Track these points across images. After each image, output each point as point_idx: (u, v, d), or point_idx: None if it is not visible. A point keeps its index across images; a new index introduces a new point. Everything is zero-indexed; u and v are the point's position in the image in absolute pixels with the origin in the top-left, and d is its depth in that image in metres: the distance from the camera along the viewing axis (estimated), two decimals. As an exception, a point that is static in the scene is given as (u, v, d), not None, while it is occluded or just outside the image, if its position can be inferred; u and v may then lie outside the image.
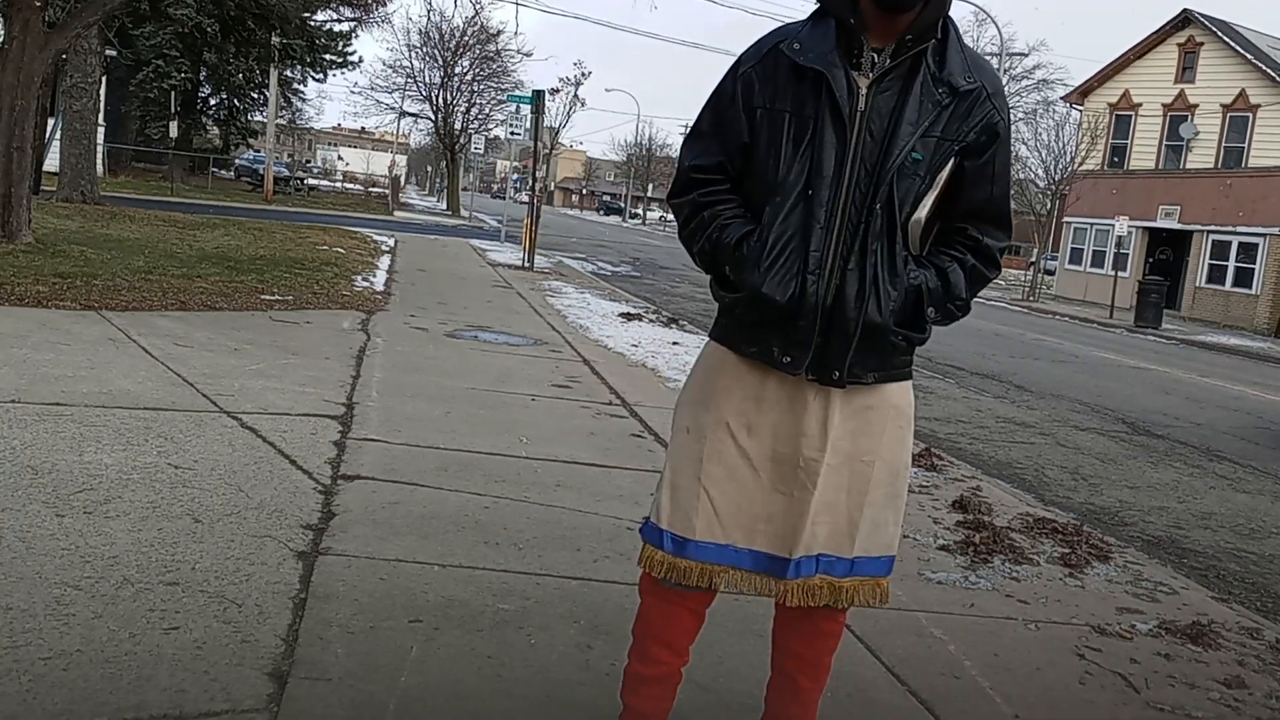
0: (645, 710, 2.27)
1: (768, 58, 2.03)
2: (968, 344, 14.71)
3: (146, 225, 15.14)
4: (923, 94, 1.96)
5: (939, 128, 1.98)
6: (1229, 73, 28.75)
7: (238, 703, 2.37)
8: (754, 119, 2.03)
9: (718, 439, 2.09)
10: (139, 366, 5.70)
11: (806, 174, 1.97)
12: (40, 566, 2.95)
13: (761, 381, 2.07)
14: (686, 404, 2.19)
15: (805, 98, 1.97)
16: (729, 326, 2.11)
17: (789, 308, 1.97)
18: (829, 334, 1.99)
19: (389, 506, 3.89)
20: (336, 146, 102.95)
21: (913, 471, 5.55)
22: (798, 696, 2.27)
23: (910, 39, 1.95)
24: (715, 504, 2.09)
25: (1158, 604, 3.94)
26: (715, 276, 2.12)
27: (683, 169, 2.13)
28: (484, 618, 3.01)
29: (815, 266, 1.97)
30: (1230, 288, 27.24)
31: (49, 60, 11.45)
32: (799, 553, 2.08)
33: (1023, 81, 59.01)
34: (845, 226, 1.97)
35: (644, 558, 2.17)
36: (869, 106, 1.96)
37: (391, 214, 35.07)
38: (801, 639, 2.25)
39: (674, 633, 2.23)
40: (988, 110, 2.03)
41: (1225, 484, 6.91)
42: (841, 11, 1.97)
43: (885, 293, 1.99)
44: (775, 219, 1.98)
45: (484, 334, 8.83)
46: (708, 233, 2.08)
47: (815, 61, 1.96)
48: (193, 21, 33.46)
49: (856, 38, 1.97)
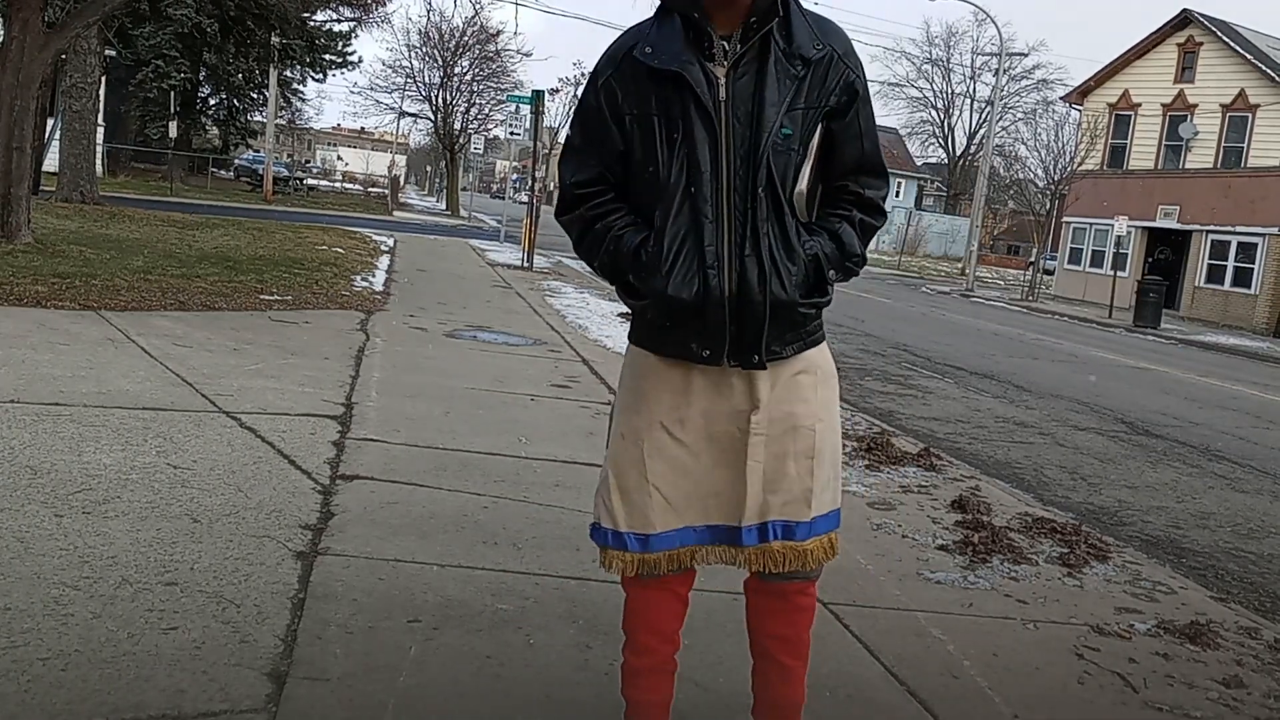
0: (646, 701, 2.29)
1: (624, 64, 2.07)
2: (967, 344, 14.71)
3: (146, 225, 15.14)
4: (778, 71, 2.01)
5: (801, 99, 2.04)
6: (1228, 73, 28.75)
7: (236, 703, 2.37)
8: (624, 126, 2.08)
9: (654, 438, 2.15)
10: (138, 366, 5.69)
11: (686, 172, 2.01)
12: (39, 566, 2.95)
13: (686, 376, 2.13)
14: (621, 411, 2.23)
15: (669, 99, 2.02)
16: (644, 330, 2.16)
17: (696, 304, 2.02)
18: (741, 321, 2.04)
19: (388, 506, 3.89)
20: (336, 146, 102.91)
21: (912, 471, 5.58)
22: (786, 677, 2.31)
23: (755, 21, 1.99)
24: (667, 496, 2.15)
25: (1156, 604, 3.94)
26: (619, 285, 2.15)
27: (565, 186, 2.17)
28: (483, 618, 3.01)
29: (713, 260, 2.02)
30: (1229, 287, 27.23)
31: (48, 60, 11.44)
32: (749, 520, 2.16)
33: (1022, 81, 59.12)
34: (734, 215, 2.02)
35: (610, 560, 2.20)
36: (730, 94, 2.01)
37: (391, 214, 35.06)
38: (779, 619, 2.30)
39: (662, 619, 2.27)
40: (842, 71, 2.08)
41: (1224, 484, 6.91)
42: (684, 7, 2.02)
43: (785, 270, 2.04)
44: (666, 222, 2.03)
45: (483, 334, 8.84)
46: (604, 245, 2.13)
47: (669, 63, 2.00)
48: (192, 21, 33.47)
49: (703, 30, 2.01)
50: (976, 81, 62.92)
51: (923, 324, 17.53)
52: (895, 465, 5.65)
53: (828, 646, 3.14)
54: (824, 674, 2.94)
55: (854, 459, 5.69)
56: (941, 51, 68.57)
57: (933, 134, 67.26)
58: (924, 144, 69.03)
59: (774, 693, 2.32)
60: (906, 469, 5.62)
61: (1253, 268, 26.66)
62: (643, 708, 2.29)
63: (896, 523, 4.57)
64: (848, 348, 12.17)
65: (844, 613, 3.42)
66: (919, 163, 73.73)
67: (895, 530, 4.45)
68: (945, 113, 66.19)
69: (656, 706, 2.30)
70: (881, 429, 6.71)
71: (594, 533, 2.24)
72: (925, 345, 13.62)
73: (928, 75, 66.11)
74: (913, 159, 73.62)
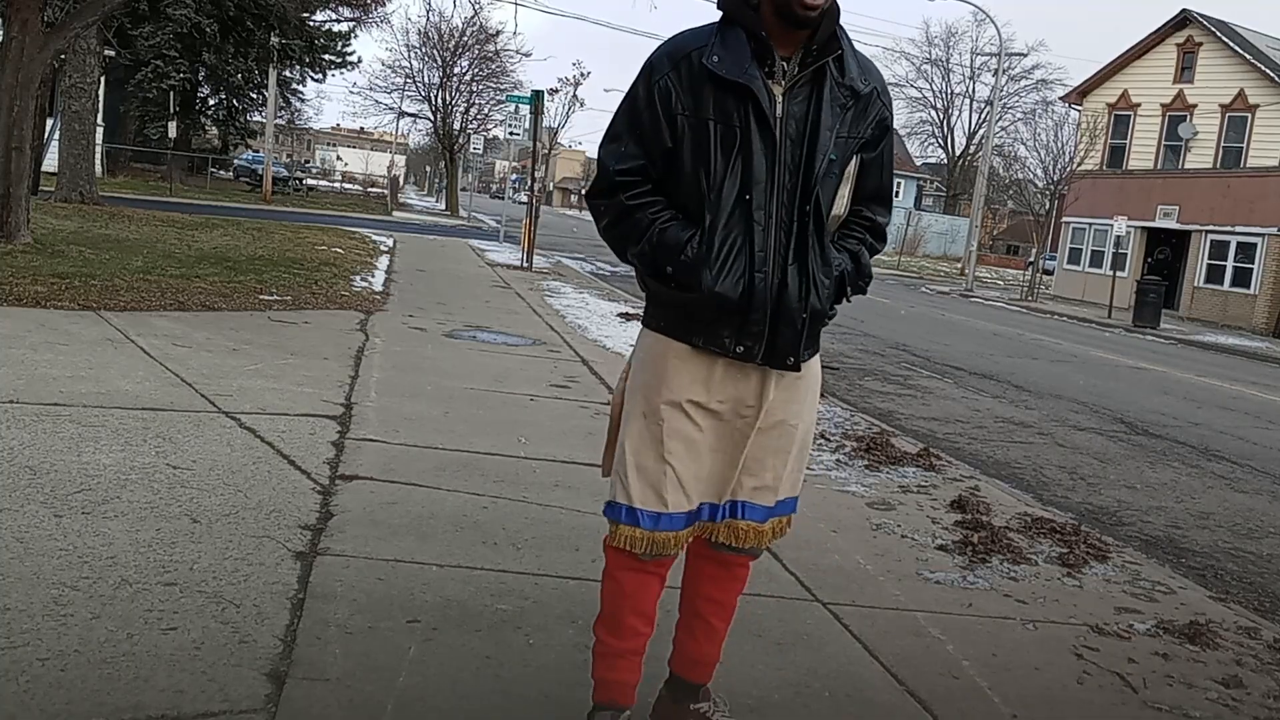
0: (622, 681, 2.39)
1: (682, 65, 2.15)
2: (966, 344, 14.72)
3: (145, 225, 15.13)
4: (832, 99, 2.16)
5: (846, 128, 2.20)
6: (1228, 73, 28.75)
7: (235, 703, 2.37)
8: (675, 125, 2.16)
9: (675, 419, 2.25)
10: (137, 367, 5.69)
11: (741, 180, 2.13)
12: (38, 567, 2.95)
13: (710, 366, 2.24)
14: (638, 390, 2.31)
15: (729, 107, 2.12)
16: (672, 319, 2.25)
17: (741, 304, 2.14)
18: (777, 324, 2.18)
19: (387, 507, 3.89)
20: (335, 147, 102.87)
21: (912, 471, 5.58)
22: (711, 637, 2.48)
23: (816, 50, 2.14)
24: (680, 476, 2.27)
25: (1156, 604, 3.94)
26: (654, 275, 2.23)
27: (606, 171, 2.24)
28: (482, 618, 3.01)
29: (761, 265, 2.15)
30: (1228, 287, 27.23)
31: (48, 60, 11.44)
32: (725, 498, 2.34)
33: (1021, 82, 59.13)
34: (780, 225, 2.16)
35: (621, 537, 2.29)
36: (785, 113, 2.14)
37: (390, 214, 35.06)
38: (718, 584, 2.46)
39: (648, 602, 2.38)
40: (879, 108, 2.26)
41: (1223, 484, 6.91)
42: (751, 24, 2.13)
43: (822, 283, 2.21)
44: (719, 223, 2.14)
45: (482, 334, 8.84)
46: (646, 235, 2.21)
47: (738, 75, 2.10)
48: (191, 22, 33.46)
49: (768, 48, 2.12)
50: (976, 81, 62.94)
51: (922, 324, 17.54)
52: (895, 465, 5.65)
53: (827, 646, 3.15)
54: (824, 674, 2.95)
55: (853, 459, 5.70)
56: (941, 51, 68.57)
57: (932, 134, 67.28)
58: (923, 144, 69.04)
59: (698, 648, 2.49)
60: (906, 469, 5.62)
61: (1252, 268, 26.66)
62: (618, 688, 2.38)
63: (896, 523, 4.57)
64: (847, 348, 12.17)
65: (843, 613, 3.42)
66: (918, 163, 73.74)
67: (895, 530, 4.46)
68: (945, 113, 66.22)
69: (631, 688, 2.40)
70: (881, 429, 6.72)
71: (608, 509, 2.33)
72: (925, 345, 13.62)
73: (927, 75, 66.11)
74: (912, 159, 73.64)
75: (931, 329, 16.67)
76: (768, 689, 2.80)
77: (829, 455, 5.74)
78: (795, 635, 3.19)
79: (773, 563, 3.79)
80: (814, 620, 3.34)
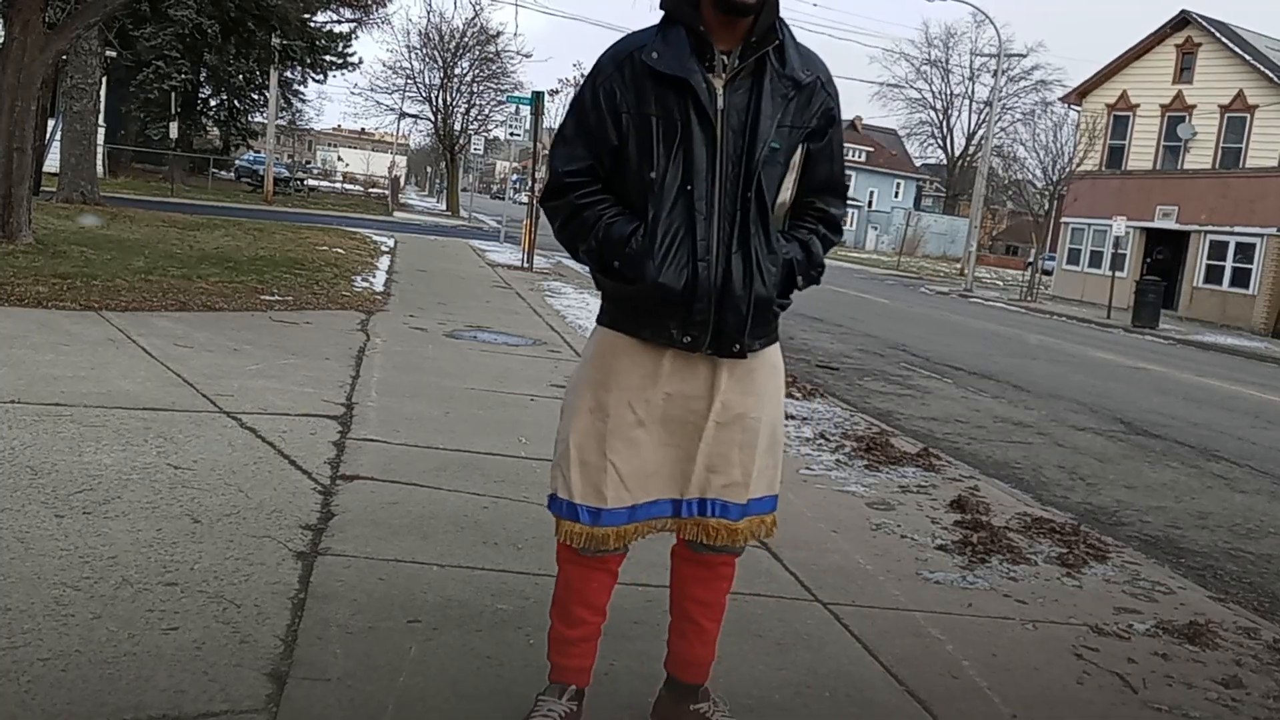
0: (574, 666, 2.45)
1: (624, 65, 2.21)
2: (966, 344, 14.72)
3: (146, 226, 15.13)
4: (773, 89, 2.20)
5: (789, 118, 2.23)
6: (1227, 73, 28.76)
7: (236, 703, 2.38)
8: (620, 123, 2.21)
9: (620, 416, 2.28)
10: (138, 367, 5.70)
11: (683, 171, 2.17)
12: (39, 567, 2.96)
13: (657, 360, 2.27)
14: (586, 385, 2.34)
15: (670, 102, 2.17)
16: (620, 313, 2.30)
17: (685, 293, 2.17)
18: (722, 312, 2.20)
19: (388, 507, 3.90)
20: (336, 147, 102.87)
21: (911, 471, 5.59)
22: (702, 637, 2.50)
23: (755, 41, 2.17)
24: (621, 473, 2.29)
25: (1155, 604, 3.94)
26: (603, 270, 2.28)
27: (556, 174, 2.29)
28: (483, 618, 3.01)
29: (704, 254, 2.18)
30: (1228, 288, 27.22)
31: (49, 61, 11.44)
32: (690, 494, 2.33)
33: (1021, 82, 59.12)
34: (723, 215, 2.19)
35: (562, 531, 2.35)
36: (726, 105, 2.18)
37: (391, 215, 35.06)
38: (703, 585, 2.48)
39: (594, 594, 2.42)
40: (824, 98, 2.29)
41: (1222, 484, 6.91)
42: (690, 20, 2.17)
43: (767, 270, 2.23)
44: (660, 214, 2.18)
45: (483, 334, 8.84)
46: (593, 231, 2.25)
47: (676, 69, 2.15)
48: (193, 22, 33.47)
49: (707, 43, 2.17)
50: (975, 82, 62.97)
51: (922, 324, 17.54)
52: (894, 465, 5.65)
53: (827, 646, 3.15)
54: (823, 674, 2.95)
55: (853, 459, 5.70)
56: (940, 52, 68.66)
57: (931, 135, 67.31)
58: (923, 145, 69.07)
59: (690, 650, 2.50)
60: (905, 469, 5.62)
61: (1251, 268, 26.65)
62: (570, 672, 2.45)
63: (896, 523, 4.58)
64: (847, 348, 12.18)
65: (843, 613, 3.42)
66: (918, 163, 73.72)
67: (894, 530, 4.46)
68: (944, 113, 66.24)
69: (584, 671, 2.47)
70: (880, 429, 6.72)
71: (551, 503, 2.37)
72: (924, 345, 13.62)
73: (926, 76, 66.20)
74: (911, 160, 73.62)
75: (931, 329, 16.67)
76: (768, 689, 2.81)
77: (829, 455, 5.75)
78: (795, 635, 3.19)
79: (773, 563, 3.80)
80: (814, 620, 3.35)
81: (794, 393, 7.59)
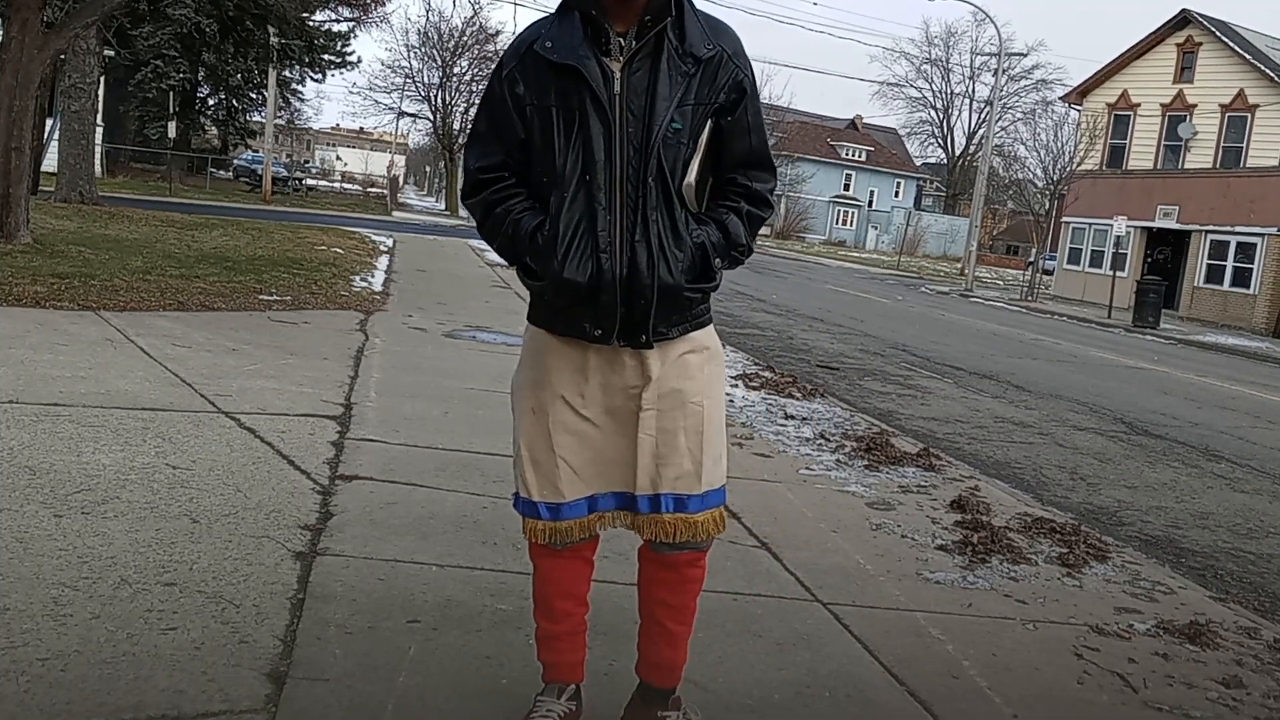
0: (565, 661, 2.43)
1: (526, 57, 2.18)
2: (966, 344, 14.72)
3: (145, 226, 15.13)
4: (670, 68, 2.13)
5: (691, 95, 2.15)
6: (1227, 73, 28.75)
7: (235, 703, 2.37)
8: (525, 116, 2.18)
9: (558, 411, 2.27)
10: (137, 367, 5.69)
11: (581, 161, 2.13)
12: (38, 567, 2.95)
13: (583, 354, 2.25)
14: (525, 386, 2.35)
15: (567, 91, 2.13)
16: (542, 311, 2.29)
17: (590, 287, 2.14)
18: (630, 303, 2.16)
19: (387, 507, 3.89)
20: (335, 147, 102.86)
21: (912, 471, 5.58)
22: (670, 641, 2.44)
23: (649, 20, 2.11)
24: (573, 466, 2.28)
25: (1156, 604, 3.94)
26: (519, 267, 2.26)
27: (470, 171, 2.28)
28: (482, 618, 3.01)
29: (606, 246, 2.14)
30: (1228, 287, 27.24)
31: (47, 60, 11.44)
32: (641, 489, 2.28)
33: (1021, 81, 59.17)
34: (625, 203, 2.14)
35: (528, 528, 2.35)
36: (625, 88, 2.12)
37: (390, 214, 35.06)
38: (668, 588, 2.41)
39: (572, 583, 2.41)
40: (731, 70, 2.20)
41: (1223, 484, 6.91)
42: (583, 4, 2.13)
43: (673, 256, 2.16)
44: (562, 208, 2.14)
45: (482, 334, 8.83)
46: (503, 228, 2.24)
47: (568, 57, 2.11)
48: (191, 22, 33.49)
49: (601, 26, 2.12)
50: (976, 81, 63.01)
51: (922, 324, 17.54)
52: (894, 465, 5.65)
53: (827, 646, 3.15)
54: (824, 674, 2.94)
55: (853, 459, 5.70)
56: (941, 52, 68.69)
57: (932, 134, 67.35)
58: (923, 144, 69.11)
59: (658, 654, 2.45)
60: (906, 469, 5.62)
61: (1252, 268, 26.67)
62: (563, 668, 2.43)
63: (896, 523, 4.57)
64: (847, 348, 12.18)
65: (843, 613, 3.42)
66: (918, 163, 73.73)
67: (895, 530, 4.46)
68: (944, 113, 66.27)
69: (576, 666, 2.45)
70: (881, 429, 6.72)
71: (515, 502, 2.37)
72: (924, 345, 13.62)
73: (927, 75, 66.22)
74: (912, 159, 73.63)
75: (931, 329, 16.67)
76: (768, 689, 2.80)
77: (829, 455, 5.74)
78: (795, 635, 3.19)
79: (773, 563, 3.80)
80: (814, 620, 3.34)
81: (794, 393, 7.59)
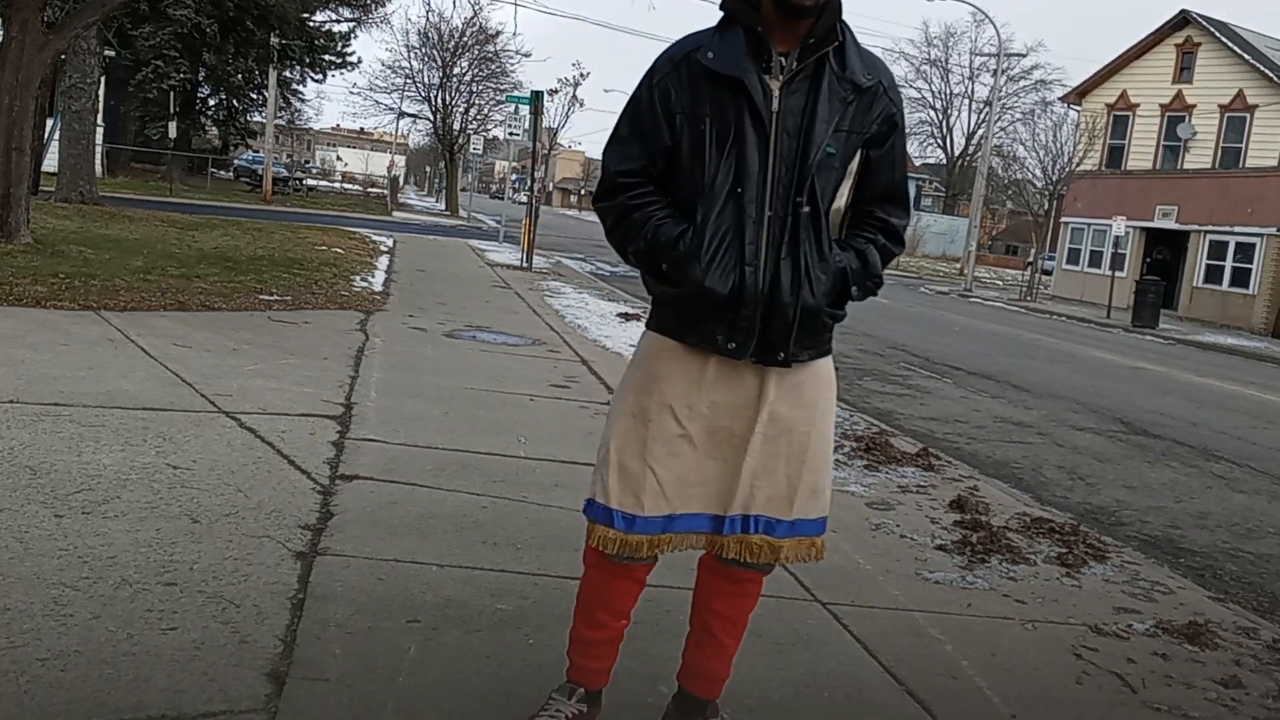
0: (593, 668, 2.43)
1: (681, 65, 2.18)
2: (965, 344, 14.72)
3: (145, 225, 15.13)
4: (830, 92, 2.14)
5: (847, 122, 2.17)
6: (1227, 73, 28.75)
7: (236, 703, 2.37)
8: (674, 124, 2.18)
9: (662, 421, 2.24)
10: (137, 367, 5.69)
11: (734, 173, 2.12)
12: (38, 567, 2.96)
13: (702, 366, 2.22)
14: (630, 390, 2.31)
15: (724, 103, 2.13)
16: (668, 318, 2.25)
17: (731, 298, 2.13)
18: (769, 319, 2.15)
19: (387, 507, 3.90)
20: (335, 147, 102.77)
21: (911, 471, 5.59)
22: (720, 653, 2.43)
23: (813, 43, 2.12)
24: (660, 480, 2.24)
25: (1155, 604, 3.94)
26: (651, 273, 2.25)
27: (608, 173, 2.27)
28: (482, 618, 3.01)
29: (751, 258, 2.13)
30: (1227, 288, 27.22)
31: (48, 61, 11.43)
32: (734, 510, 2.26)
33: (1020, 82, 59.12)
34: (774, 219, 2.13)
35: (595, 536, 2.30)
36: (782, 107, 2.13)
37: (390, 214, 35.06)
38: (727, 599, 2.41)
39: (619, 601, 2.40)
40: (885, 104, 2.22)
41: (1222, 484, 6.91)
42: (749, 20, 2.13)
43: (817, 278, 2.16)
44: (709, 217, 2.13)
45: (482, 334, 8.84)
46: (642, 232, 2.22)
47: (731, 69, 2.11)
48: (192, 22, 33.46)
49: (764, 44, 2.12)
50: (975, 82, 62.94)
51: (921, 324, 17.54)
52: (894, 465, 5.65)
53: (826, 646, 3.15)
54: (823, 674, 2.95)
55: (852, 459, 5.70)
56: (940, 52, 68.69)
57: (931, 134, 67.27)
58: (922, 144, 69.00)
59: (706, 664, 2.44)
60: (905, 469, 5.62)
61: (1251, 268, 26.65)
62: (590, 673, 2.43)
63: (895, 523, 4.58)
64: (846, 348, 12.17)
65: (843, 613, 3.42)
66: (917, 163, 73.70)
67: (894, 530, 4.46)
68: (944, 113, 66.22)
69: (604, 672, 2.45)
70: (880, 429, 6.72)
71: (587, 506, 2.33)
72: (924, 345, 13.62)
73: (926, 76, 66.13)
74: (911, 159, 73.59)
75: (930, 329, 16.68)
76: (767, 689, 2.80)
77: (828, 455, 5.74)
78: (795, 635, 3.19)
79: (772, 563, 3.80)
80: (813, 620, 3.35)
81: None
